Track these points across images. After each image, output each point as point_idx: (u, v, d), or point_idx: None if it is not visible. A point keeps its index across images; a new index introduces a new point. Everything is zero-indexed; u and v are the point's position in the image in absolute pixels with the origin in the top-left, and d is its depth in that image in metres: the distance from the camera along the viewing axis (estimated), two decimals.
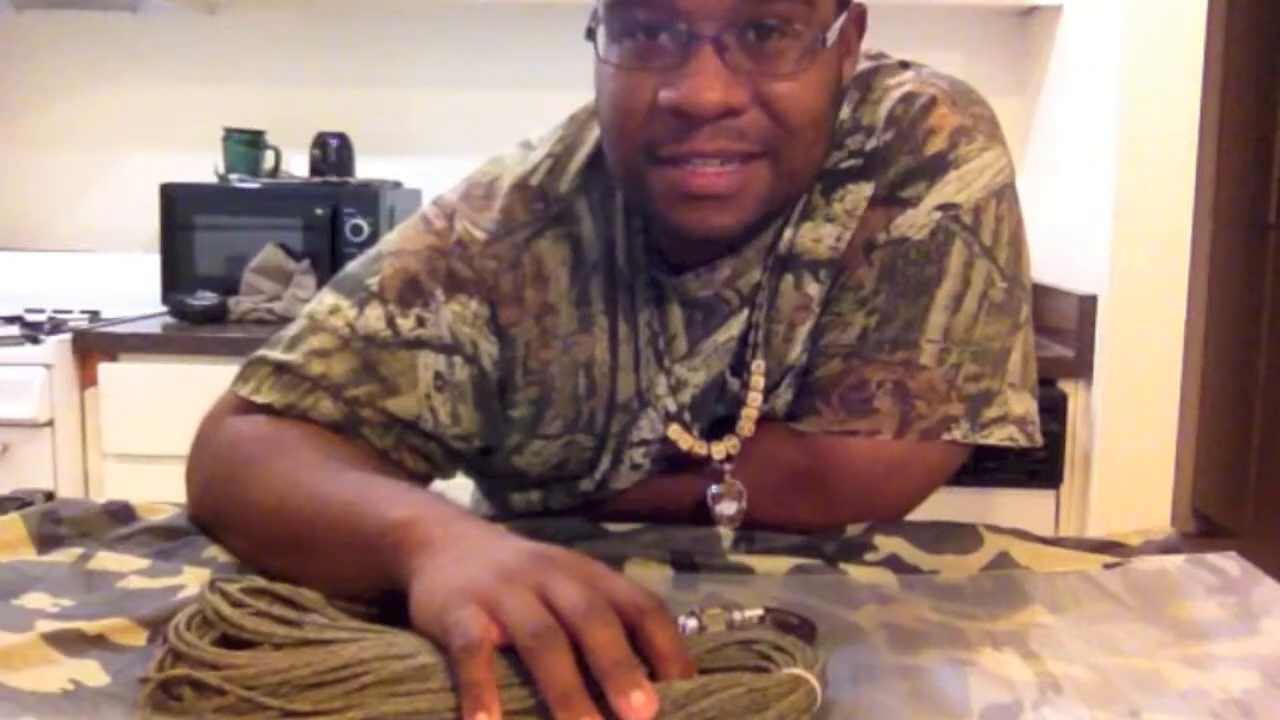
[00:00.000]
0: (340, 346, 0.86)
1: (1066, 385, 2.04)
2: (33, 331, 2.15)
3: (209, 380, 0.93)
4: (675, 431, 0.89)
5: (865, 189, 0.87)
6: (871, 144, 0.87)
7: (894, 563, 0.81)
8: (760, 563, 0.80)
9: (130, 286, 2.45)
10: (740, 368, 0.89)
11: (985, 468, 1.91)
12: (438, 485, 0.90)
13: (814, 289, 0.87)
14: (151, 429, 2.03)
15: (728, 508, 0.87)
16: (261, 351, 0.88)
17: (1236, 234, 3.67)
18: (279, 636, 0.57)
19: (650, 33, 0.75)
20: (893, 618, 0.71)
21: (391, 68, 2.62)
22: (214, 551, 0.80)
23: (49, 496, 0.92)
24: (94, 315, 2.29)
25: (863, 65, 0.89)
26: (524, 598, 0.55)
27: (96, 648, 0.63)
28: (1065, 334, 2.08)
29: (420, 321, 0.87)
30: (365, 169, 2.54)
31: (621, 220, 0.89)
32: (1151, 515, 2.00)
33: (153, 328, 2.15)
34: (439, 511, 0.66)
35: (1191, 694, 0.60)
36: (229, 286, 2.26)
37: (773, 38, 0.75)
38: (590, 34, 0.78)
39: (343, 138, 2.50)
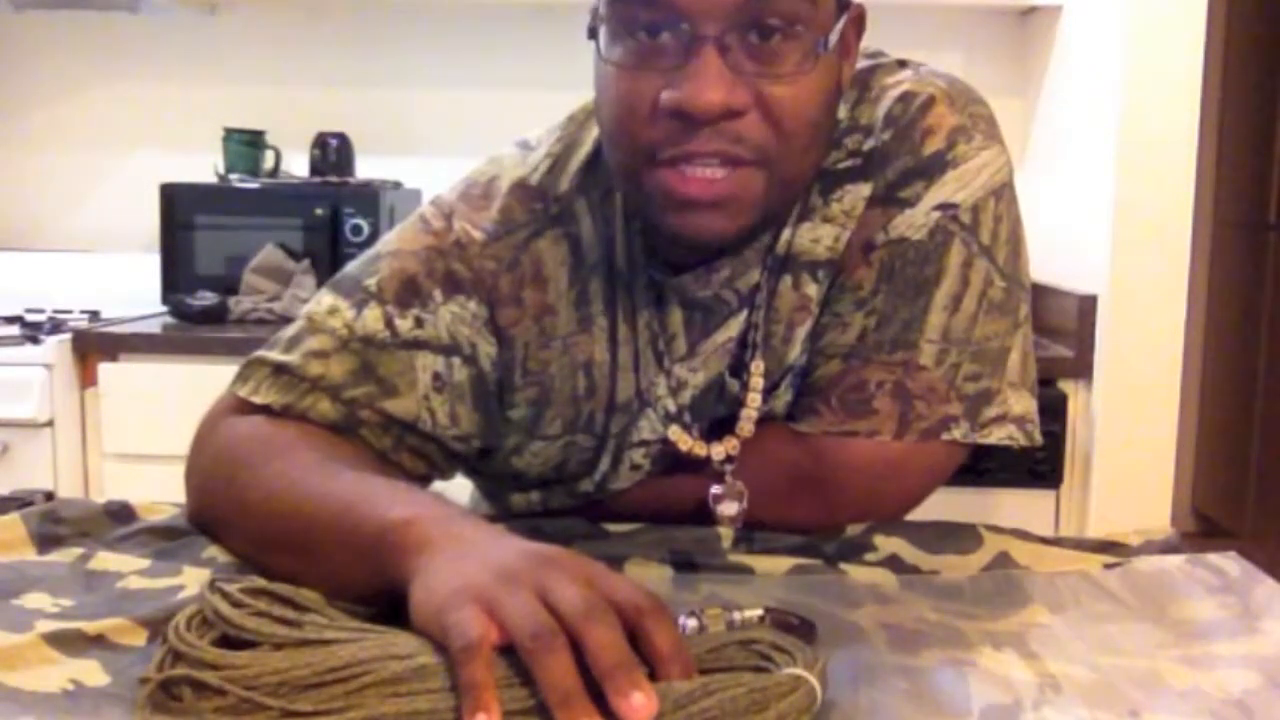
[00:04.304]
0: (338, 347, 0.86)
1: (1066, 385, 2.03)
2: (33, 331, 2.15)
3: (209, 380, 0.93)
4: (675, 432, 0.89)
5: (863, 189, 0.87)
6: (870, 144, 0.87)
7: (894, 563, 0.81)
8: (760, 563, 0.80)
9: (130, 286, 2.45)
10: (739, 368, 0.89)
11: (985, 468, 1.91)
12: (437, 486, 0.90)
13: (812, 289, 0.87)
14: (151, 429, 2.03)
15: (729, 508, 0.87)
16: (260, 352, 0.88)
17: (1236, 234, 3.67)
18: (279, 636, 0.57)
19: (652, 32, 0.75)
20: (893, 618, 0.71)
21: (391, 68, 2.62)
22: (214, 551, 0.79)
23: (49, 496, 0.92)
24: (94, 315, 2.29)
25: (861, 64, 0.88)
26: (524, 598, 0.55)
27: (96, 648, 0.63)
28: (1065, 334, 2.08)
29: (418, 322, 0.86)
30: (365, 169, 2.54)
31: (621, 220, 0.88)
32: (1151, 515, 2.00)
33: (153, 328, 2.15)
34: (438, 512, 0.66)
35: (1191, 694, 0.60)
36: (229, 286, 2.26)
37: (775, 39, 0.75)
38: (592, 33, 0.78)
39: (343, 138, 2.50)
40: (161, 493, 0.94)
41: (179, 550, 0.80)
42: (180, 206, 2.30)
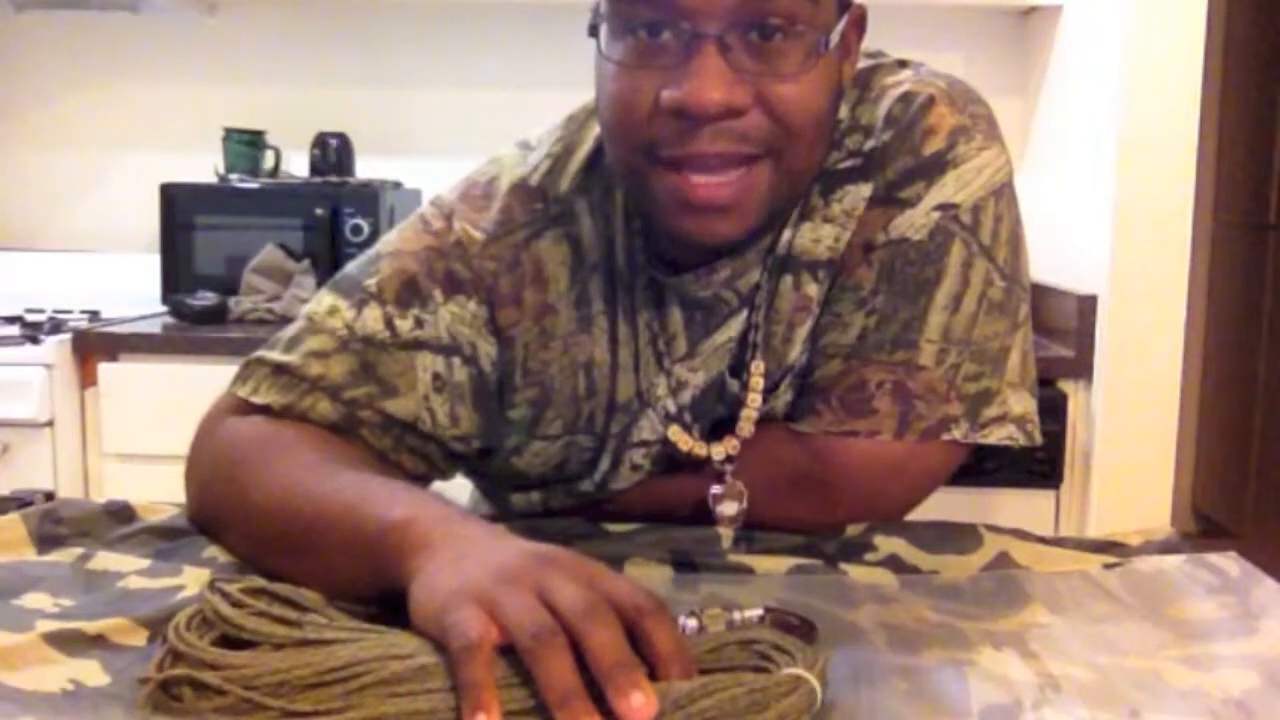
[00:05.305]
0: (338, 348, 0.86)
1: (1066, 385, 2.03)
2: (33, 331, 2.15)
3: (209, 380, 0.93)
4: (675, 432, 0.89)
5: (864, 189, 0.87)
6: (870, 144, 0.87)
7: (894, 563, 0.81)
8: (760, 563, 0.80)
9: (130, 286, 2.45)
10: (740, 368, 0.89)
11: (985, 468, 1.91)
12: (437, 486, 0.90)
13: (813, 289, 0.87)
14: (151, 429, 2.03)
15: (729, 508, 0.87)
16: (260, 352, 0.88)
17: (1236, 234, 3.67)
18: (279, 636, 0.57)
19: (653, 31, 0.75)
20: (893, 618, 0.71)
21: (391, 68, 2.62)
22: (214, 551, 0.80)
23: (49, 496, 0.91)
24: (94, 315, 2.29)
25: (861, 64, 0.88)
26: (524, 598, 0.55)
27: (96, 648, 0.63)
28: (1065, 334, 2.08)
29: (418, 322, 0.86)
30: (365, 169, 2.54)
31: (621, 220, 0.88)
32: (1151, 515, 2.00)
33: (153, 328, 2.15)
34: (438, 512, 0.66)
35: (1191, 694, 0.60)
36: (229, 286, 2.26)
37: (776, 38, 0.75)
38: (593, 31, 0.78)
39: (343, 138, 2.50)
40: (161, 493, 0.94)
41: (179, 550, 0.80)
42: (180, 206, 2.31)
